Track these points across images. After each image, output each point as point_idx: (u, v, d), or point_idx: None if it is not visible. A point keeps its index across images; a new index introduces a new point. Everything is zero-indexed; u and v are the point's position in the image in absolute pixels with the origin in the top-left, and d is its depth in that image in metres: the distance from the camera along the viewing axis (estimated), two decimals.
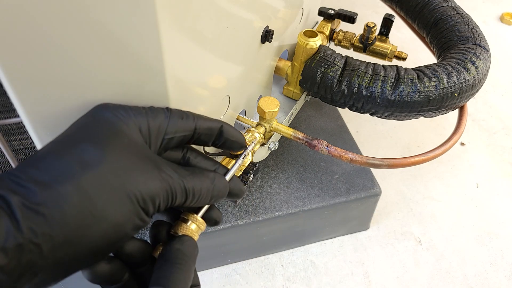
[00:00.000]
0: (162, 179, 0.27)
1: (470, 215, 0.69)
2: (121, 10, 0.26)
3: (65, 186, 0.24)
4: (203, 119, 0.31)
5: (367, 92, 0.51)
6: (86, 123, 0.28)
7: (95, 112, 0.28)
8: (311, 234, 0.62)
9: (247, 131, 0.48)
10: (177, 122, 0.29)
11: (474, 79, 0.53)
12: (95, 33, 0.27)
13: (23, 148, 0.38)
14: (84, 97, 0.31)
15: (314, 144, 0.50)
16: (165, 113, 0.29)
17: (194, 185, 0.28)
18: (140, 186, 0.26)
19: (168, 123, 0.29)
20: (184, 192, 0.28)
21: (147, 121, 0.28)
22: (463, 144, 0.81)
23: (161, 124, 0.29)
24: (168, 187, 0.27)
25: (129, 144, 0.27)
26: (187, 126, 0.30)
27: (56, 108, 0.31)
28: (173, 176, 0.28)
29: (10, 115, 0.35)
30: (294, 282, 0.59)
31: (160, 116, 0.29)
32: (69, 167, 0.24)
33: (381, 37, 0.64)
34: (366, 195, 0.58)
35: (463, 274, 0.61)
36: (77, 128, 0.27)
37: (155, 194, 0.26)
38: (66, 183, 0.24)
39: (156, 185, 0.26)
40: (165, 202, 0.27)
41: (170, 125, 0.29)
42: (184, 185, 0.28)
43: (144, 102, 0.32)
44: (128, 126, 0.27)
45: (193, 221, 0.31)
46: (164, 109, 0.30)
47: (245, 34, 0.43)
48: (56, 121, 0.32)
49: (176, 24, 0.29)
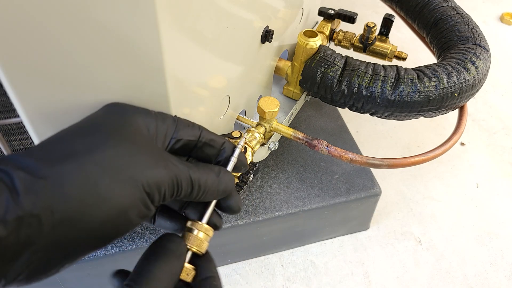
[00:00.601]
0: (167, 167, 0.27)
1: (470, 215, 0.69)
2: (121, 10, 0.26)
3: (68, 163, 0.24)
4: (208, 131, 0.32)
5: (367, 92, 0.51)
6: (95, 115, 0.28)
7: (106, 107, 0.29)
8: (311, 234, 0.62)
9: (247, 131, 0.48)
10: (184, 127, 0.30)
11: (474, 79, 0.53)
12: (95, 33, 0.27)
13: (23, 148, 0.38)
14: (84, 97, 0.31)
15: (314, 144, 0.50)
16: (173, 118, 0.30)
17: (200, 176, 0.29)
18: (146, 172, 0.26)
19: (176, 127, 0.30)
20: (189, 182, 0.28)
21: (156, 122, 0.29)
22: (463, 144, 0.81)
23: (169, 127, 0.29)
24: (174, 175, 0.27)
25: (136, 133, 0.27)
26: (193, 133, 0.30)
27: (56, 108, 0.31)
28: (179, 166, 0.28)
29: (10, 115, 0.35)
30: (294, 282, 0.59)
31: (168, 120, 0.30)
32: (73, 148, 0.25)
33: (381, 37, 0.64)
34: (366, 195, 0.58)
35: (463, 274, 0.61)
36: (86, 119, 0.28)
37: (160, 181, 0.26)
38: (69, 161, 0.24)
39: (162, 172, 0.26)
40: (171, 191, 0.27)
41: (178, 129, 0.30)
42: (190, 175, 0.28)
43: (144, 102, 0.32)
44: (137, 122, 0.28)
45: (199, 229, 0.30)
46: (172, 115, 0.31)
47: (245, 34, 0.43)
48: (56, 121, 0.32)
49: (176, 24, 0.29)
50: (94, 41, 0.27)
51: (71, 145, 0.25)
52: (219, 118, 0.45)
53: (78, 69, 0.29)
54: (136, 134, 0.27)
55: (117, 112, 0.29)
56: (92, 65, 0.29)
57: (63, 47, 0.27)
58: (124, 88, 0.31)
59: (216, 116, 0.44)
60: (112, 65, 0.29)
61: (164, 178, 0.26)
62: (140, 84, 0.31)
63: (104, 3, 0.25)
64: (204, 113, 0.41)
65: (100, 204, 0.24)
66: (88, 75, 0.29)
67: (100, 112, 0.29)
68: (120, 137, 0.26)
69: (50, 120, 0.32)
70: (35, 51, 0.27)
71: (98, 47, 0.28)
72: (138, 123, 0.28)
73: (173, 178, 0.27)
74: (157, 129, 0.29)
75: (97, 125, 0.27)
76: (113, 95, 0.31)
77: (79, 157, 0.24)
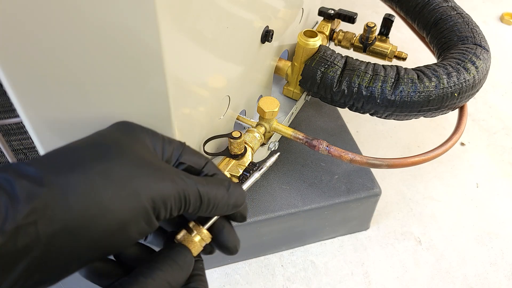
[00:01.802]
0: (174, 181, 0.26)
1: (470, 215, 0.69)
2: (121, 10, 0.26)
3: (72, 173, 0.24)
4: (213, 165, 0.31)
5: (367, 92, 0.51)
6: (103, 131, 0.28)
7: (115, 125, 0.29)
8: (311, 234, 0.62)
9: (247, 131, 0.48)
10: (190, 154, 0.30)
11: (474, 79, 0.53)
12: (95, 33, 0.27)
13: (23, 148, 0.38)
14: (84, 97, 0.31)
15: (314, 144, 0.50)
16: (181, 143, 0.30)
17: (209, 190, 0.28)
18: (151, 185, 0.25)
19: (182, 151, 0.29)
20: (198, 196, 0.27)
21: (162, 143, 0.29)
22: (463, 144, 0.81)
23: (175, 150, 0.29)
24: (181, 189, 0.26)
25: (143, 149, 0.27)
26: (198, 161, 0.30)
27: (56, 108, 0.31)
28: (187, 181, 0.27)
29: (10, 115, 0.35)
30: (294, 282, 0.59)
31: (175, 143, 0.30)
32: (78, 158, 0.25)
33: (381, 37, 0.64)
34: (366, 195, 0.58)
35: (463, 274, 0.61)
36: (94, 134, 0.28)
37: (166, 195, 0.26)
38: (73, 171, 0.24)
39: (168, 186, 0.26)
40: (178, 205, 0.26)
41: (183, 153, 0.29)
42: (198, 189, 0.27)
43: (144, 102, 0.32)
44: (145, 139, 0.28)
45: (198, 233, 0.30)
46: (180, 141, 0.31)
47: (245, 34, 0.43)
48: (56, 121, 0.32)
49: (176, 24, 0.29)
50: (93, 41, 0.27)
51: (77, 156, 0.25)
52: (219, 118, 0.45)
53: (78, 69, 0.29)
54: (143, 149, 0.27)
55: (125, 129, 0.29)
56: (92, 65, 0.29)
57: (62, 47, 0.27)
58: (124, 88, 0.31)
59: (216, 116, 0.44)
60: (112, 65, 0.29)
61: (171, 192, 0.26)
62: (140, 84, 0.31)
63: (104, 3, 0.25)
64: (204, 113, 0.41)
65: (101, 216, 0.24)
66: (88, 75, 0.29)
67: (108, 128, 0.29)
68: (127, 150, 0.26)
69: (50, 120, 0.32)
70: (35, 51, 0.27)
71: (98, 47, 0.28)
72: (146, 141, 0.28)
73: (180, 192, 0.26)
74: (163, 149, 0.29)
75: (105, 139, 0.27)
76: (112, 95, 0.31)
77: (84, 167, 0.24)
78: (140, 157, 0.26)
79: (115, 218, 0.24)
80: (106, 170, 0.24)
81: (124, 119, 0.30)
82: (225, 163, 0.44)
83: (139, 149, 0.27)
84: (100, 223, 0.24)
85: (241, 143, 0.42)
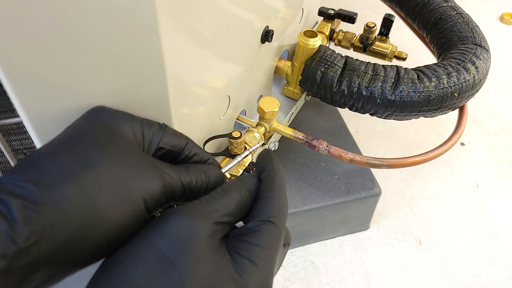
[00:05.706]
0: (161, 177, 0.27)
1: (470, 215, 0.69)
2: (121, 10, 0.26)
3: (65, 185, 0.23)
4: (194, 145, 0.32)
5: (367, 92, 0.51)
6: (82, 125, 0.28)
7: (91, 114, 0.29)
8: (311, 234, 0.62)
9: (247, 131, 0.48)
10: (170, 136, 0.30)
11: (474, 79, 0.53)
12: (95, 33, 0.27)
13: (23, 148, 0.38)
14: (84, 97, 0.31)
15: (314, 144, 0.50)
16: (160, 125, 0.30)
17: (191, 180, 0.29)
18: (142, 185, 0.26)
19: (162, 135, 0.30)
20: (182, 188, 0.29)
21: (142, 129, 0.29)
22: (463, 144, 0.81)
23: (155, 134, 0.30)
24: (168, 184, 0.27)
25: (126, 145, 0.27)
26: (178, 142, 0.31)
27: (56, 108, 0.31)
28: (172, 174, 0.28)
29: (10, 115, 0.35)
30: (294, 282, 0.59)
31: (154, 126, 0.30)
32: (69, 167, 0.24)
33: (381, 37, 0.64)
34: (366, 195, 0.58)
35: (463, 274, 0.61)
36: (74, 130, 0.28)
37: (156, 192, 0.27)
38: (66, 182, 0.24)
39: (157, 183, 0.27)
40: (166, 199, 0.28)
41: (164, 137, 0.30)
42: (181, 181, 0.28)
43: (144, 102, 0.32)
44: (124, 129, 0.28)
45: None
46: (159, 122, 0.31)
47: (245, 34, 0.43)
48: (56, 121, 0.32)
49: (176, 24, 0.29)
50: (93, 41, 0.27)
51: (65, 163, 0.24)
52: (219, 118, 0.45)
53: (77, 69, 0.29)
54: (125, 144, 0.27)
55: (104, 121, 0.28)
56: (91, 65, 0.29)
57: (62, 47, 0.27)
58: (124, 89, 0.31)
59: (216, 116, 0.44)
60: (112, 65, 0.29)
61: (160, 189, 0.27)
62: (140, 84, 0.31)
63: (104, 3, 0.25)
64: (204, 113, 0.41)
65: (99, 224, 0.24)
66: (88, 75, 0.29)
67: (85, 121, 0.28)
68: (113, 151, 0.26)
69: (50, 120, 0.32)
70: (35, 51, 0.27)
71: (98, 47, 0.28)
72: (125, 131, 0.28)
73: (167, 186, 0.27)
74: (143, 135, 0.29)
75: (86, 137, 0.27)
76: (113, 95, 0.31)
77: (76, 177, 0.24)
78: (126, 155, 0.27)
79: (112, 224, 0.25)
80: (97, 177, 0.25)
81: None
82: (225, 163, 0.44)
83: (122, 144, 0.27)
84: (99, 231, 0.24)
85: (241, 143, 0.42)
